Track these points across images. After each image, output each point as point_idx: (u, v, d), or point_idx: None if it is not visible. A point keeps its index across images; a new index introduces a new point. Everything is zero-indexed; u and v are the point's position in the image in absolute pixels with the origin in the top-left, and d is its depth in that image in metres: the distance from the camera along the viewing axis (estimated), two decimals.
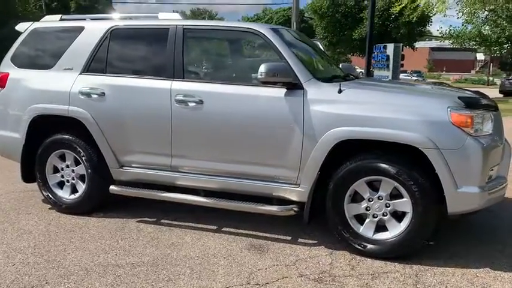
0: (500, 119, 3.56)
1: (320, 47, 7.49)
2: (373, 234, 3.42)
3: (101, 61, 4.12)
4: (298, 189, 3.57)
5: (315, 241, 3.72)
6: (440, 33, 27.60)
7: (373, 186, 3.40)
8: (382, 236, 3.40)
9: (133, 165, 4.11)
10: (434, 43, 63.24)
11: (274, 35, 3.72)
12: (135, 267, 3.25)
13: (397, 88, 4.15)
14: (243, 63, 4.36)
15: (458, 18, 22.47)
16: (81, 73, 4.16)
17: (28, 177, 4.44)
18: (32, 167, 4.39)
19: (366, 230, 3.44)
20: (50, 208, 4.46)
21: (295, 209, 3.60)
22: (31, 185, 4.63)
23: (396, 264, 3.31)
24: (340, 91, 3.42)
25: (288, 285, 3.02)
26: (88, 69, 4.15)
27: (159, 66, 3.95)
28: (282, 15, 51.13)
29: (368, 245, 3.40)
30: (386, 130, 3.26)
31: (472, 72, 66.48)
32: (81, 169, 4.26)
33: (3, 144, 4.52)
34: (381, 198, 3.37)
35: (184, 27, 3.94)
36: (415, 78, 36.63)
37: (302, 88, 3.50)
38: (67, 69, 4.21)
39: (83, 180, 4.28)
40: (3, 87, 4.42)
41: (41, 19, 4.66)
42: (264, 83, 3.53)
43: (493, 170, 3.33)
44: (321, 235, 3.80)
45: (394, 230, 3.36)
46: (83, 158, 4.18)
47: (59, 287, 2.99)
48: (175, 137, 3.85)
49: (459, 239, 3.74)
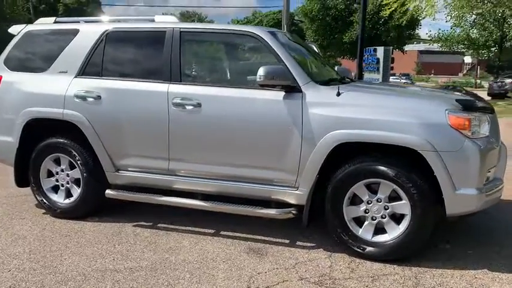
0: (496, 121, 3.60)
1: (315, 49, 7.52)
2: (372, 236, 3.43)
3: (97, 64, 4.08)
4: (296, 192, 3.56)
5: (314, 244, 3.72)
6: (429, 37, 27.98)
7: (372, 189, 3.41)
8: (381, 238, 3.41)
9: (129, 169, 4.07)
10: (423, 46, 63.99)
11: (272, 38, 3.72)
12: (134, 272, 3.22)
13: (395, 91, 4.17)
14: (241, 66, 4.35)
15: (446, 21, 22.83)
16: (76, 76, 4.12)
17: (22, 181, 4.37)
18: (25, 171, 4.33)
19: (365, 232, 3.44)
20: (44, 213, 4.40)
21: (294, 212, 3.60)
22: (24, 189, 4.57)
23: (395, 266, 3.32)
24: (338, 94, 3.43)
25: None
26: (83, 72, 4.11)
27: (156, 69, 3.92)
28: (272, 18, 51.20)
29: (367, 248, 3.41)
30: (385, 133, 3.27)
31: (460, 75, 67.15)
32: (76, 173, 4.21)
33: None
34: (379, 200, 3.38)
35: (181, 30, 3.92)
36: (404, 81, 36.91)
37: (300, 91, 3.50)
38: (62, 72, 4.17)
39: (78, 184, 4.23)
40: None
41: (35, 21, 4.60)
42: (262, 86, 3.52)
43: (490, 172, 3.36)
44: (319, 238, 3.79)
45: (393, 232, 3.37)
46: (78, 161, 4.14)
47: None
48: (173, 140, 3.82)
49: (457, 240, 3.77)
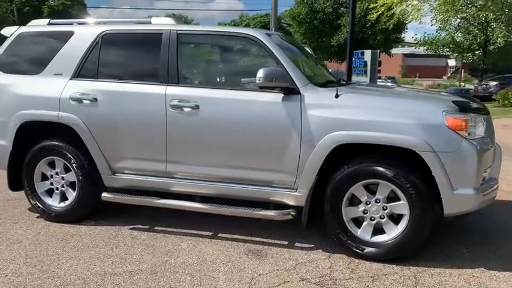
0: (491, 122, 3.66)
1: (309, 51, 7.54)
2: (371, 237, 3.46)
3: (93, 66, 4.04)
4: (295, 193, 3.57)
5: (313, 245, 3.73)
6: (415, 40, 28.33)
7: (371, 190, 3.44)
8: (379, 238, 3.44)
9: (126, 172, 4.04)
10: (408, 50, 64.69)
11: (270, 40, 3.74)
12: (134, 275, 3.19)
13: (393, 93, 4.22)
14: (238, 68, 4.35)
15: (432, 25, 23.15)
16: (71, 78, 4.07)
17: (15, 185, 4.30)
18: (19, 175, 4.26)
19: (364, 233, 3.47)
20: (37, 217, 4.34)
21: (293, 213, 3.61)
22: (14, 193, 4.49)
23: (394, 266, 3.35)
24: (337, 96, 3.46)
25: None
26: (79, 74, 4.07)
27: (154, 71, 3.91)
28: (259, 21, 51.42)
29: (366, 248, 3.43)
30: (384, 134, 3.30)
31: (444, 78, 68.09)
32: (71, 176, 4.16)
33: None
34: (378, 201, 3.41)
35: (178, 32, 3.91)
36: (389, 84, 37.29)
37: (299, 93, 3.51)
38: (56, 74, 4.12)
39: (73, 187, 4.18)
40: None
41: (28, 23, 4.54)
42: (262, 88, 3.53)
43: (486, 172, 3.42)
44: (318, 239, 3.81)
45: (392, 232, 3.40)
46: (74, 164, 4.09)
47: None
48: (171, 143, 3.80)
49: (454, 240, 3.82)
